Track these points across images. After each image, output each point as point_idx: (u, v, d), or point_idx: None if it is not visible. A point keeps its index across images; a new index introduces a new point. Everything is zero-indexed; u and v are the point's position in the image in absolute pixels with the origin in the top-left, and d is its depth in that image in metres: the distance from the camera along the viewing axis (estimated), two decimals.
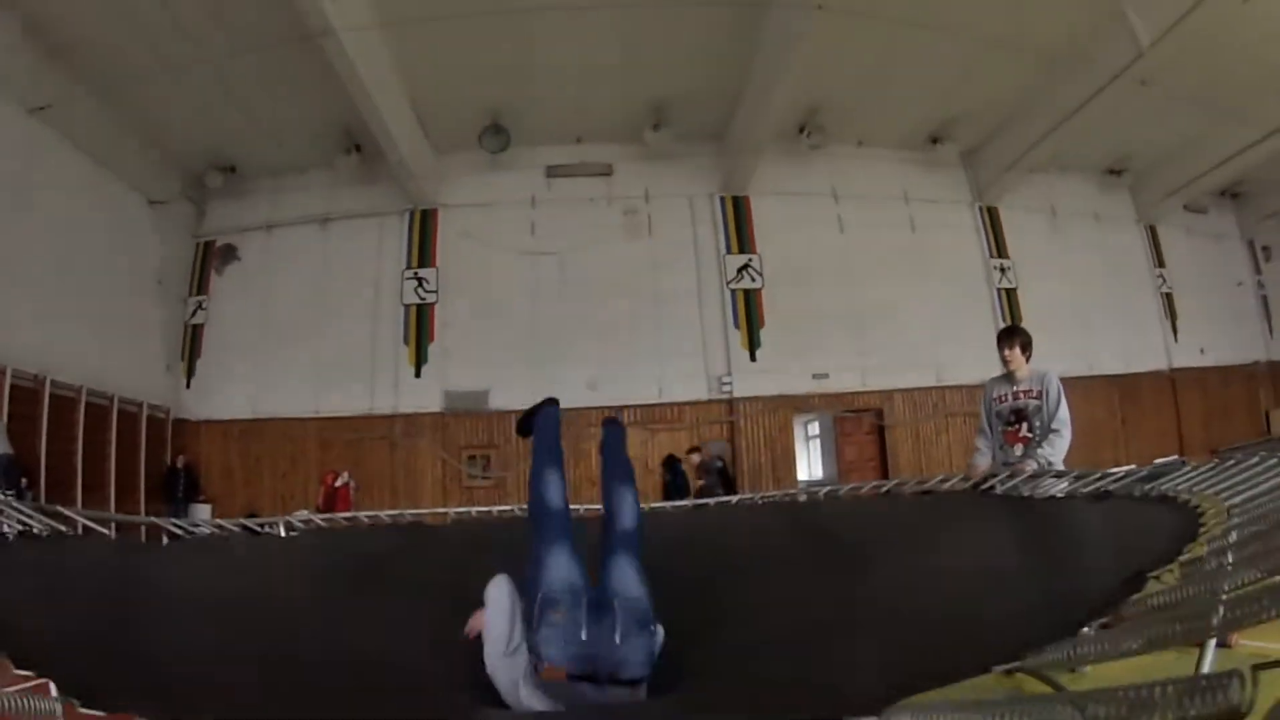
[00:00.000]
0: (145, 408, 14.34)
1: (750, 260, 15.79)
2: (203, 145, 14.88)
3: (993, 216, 16.82)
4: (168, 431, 14.98)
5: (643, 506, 3.14)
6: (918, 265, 16.15)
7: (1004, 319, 15.80)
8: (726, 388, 15.30)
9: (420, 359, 15.33)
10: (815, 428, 19.23)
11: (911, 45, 12.92)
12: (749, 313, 15.61)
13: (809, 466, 19.05)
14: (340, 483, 13.71)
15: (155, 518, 5.97)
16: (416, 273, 15.64)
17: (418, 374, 15.28)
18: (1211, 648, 1.63)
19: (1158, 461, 4.13)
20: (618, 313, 15.19)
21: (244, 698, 2.06)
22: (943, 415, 15.75)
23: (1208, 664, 1.61)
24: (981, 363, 8.08)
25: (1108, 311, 17.00)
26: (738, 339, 15.51)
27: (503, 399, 14.86)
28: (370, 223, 15.95)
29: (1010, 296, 16.47)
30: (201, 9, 11.33)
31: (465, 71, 13.32)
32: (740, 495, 9.09)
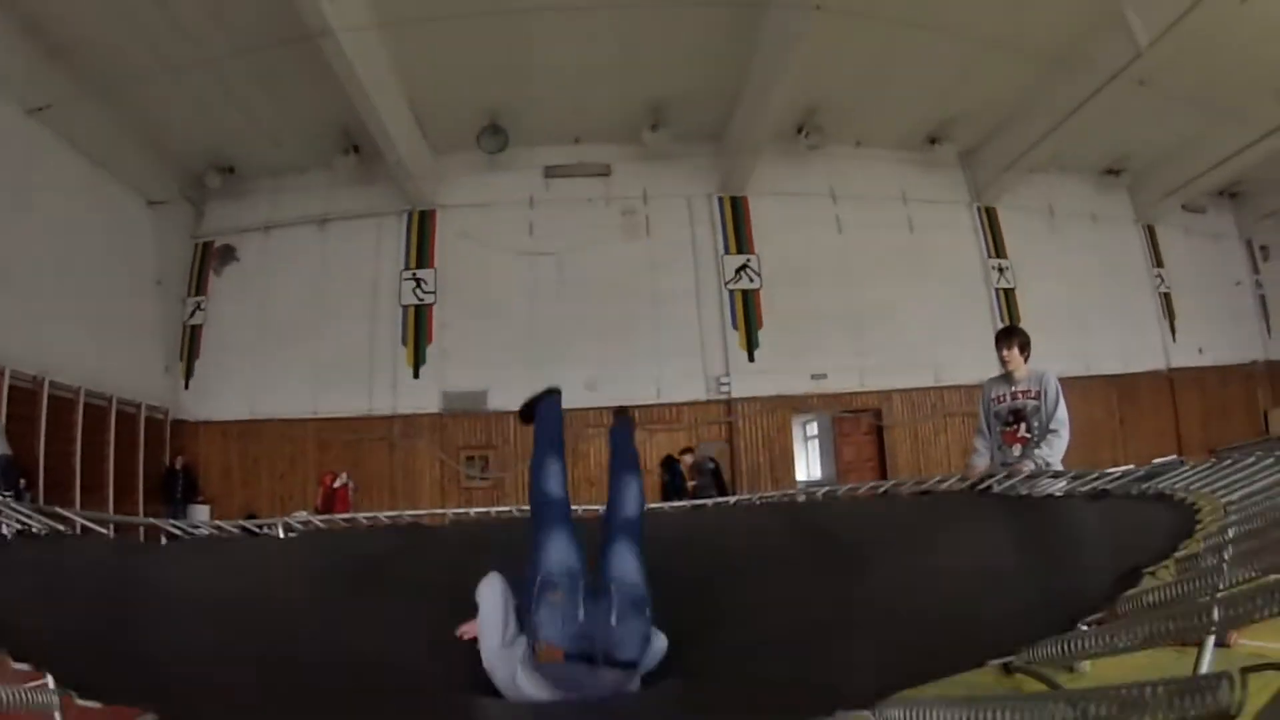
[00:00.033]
0: (144, 408, 14.32)
1: (748, 261, 15.80)
2: (201, 146, 14.87)
3: (991, 217, 16.83)
4: (166, 432, 14.96)
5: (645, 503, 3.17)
6: (916, 265, 16.15)
7: (1002, 319, 15.80)
8: (725, 388, 15.30)
9: (418, 360, 15.32)
10: (814, 428, 19.22)
11: (910, 45, 12.92)
12: (747, 313, 15.61)
13: (807, 467, 19.03)
14: (339, 484, 13.71)
15: (154, 519, 5.97)
16: (415, 273, 15.63)
17: (416, 375, 15.27)
18: (1209, 648, 1.63)
19: (1156, 462, 4.14)
20: (616, 313, 15.19)
21: (240, 696, 2.06)
22: (941, 415, 15.76)
23: (1205, 664, 1.62)
24: (980, 363, 8.08)
25: (1106, 311, 17.00)
26: (736, 339, 15.51)
27: (501, 400, 14.84)
28: (368, 223, 15.94)
29: (1008, 297, 16.48)
30: (200, 10, 11.32)
31: (463, 72, 13.32)
32: (739, 496, 9.10)
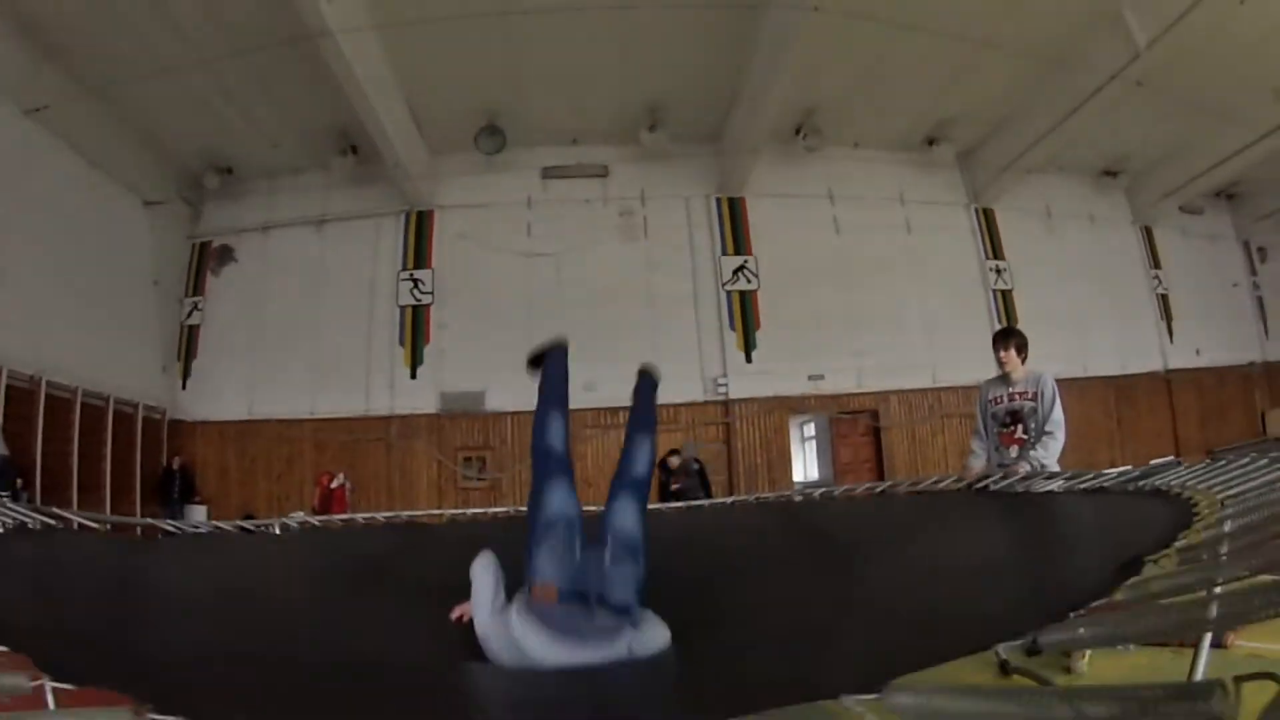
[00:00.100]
0: (141, 409, 14.33)
1: (746, 262, 15.80)
2: (199, 146, 14.87)
3: (988, 218, 16.83)
4: (163, 432, 14.95)
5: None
6: (913, 267, 16.17)
7: (1000, 320, 15.81)
8: (722, 389, 15.30)
9: (416, 360, 15.31)
10: (811, 429, 19.19)
11: (907, 47, 12.92)
12: (745, 314, 15.62)
13: (805, 468, 19.01)
14: (336, 484, 13.71)
15: (151, 519, 5.98)
16: (412, 274, 15.62)
17: (413, 375, 15.26)
18: (1205, 650, 1.63)
19: (1153, 462, 4.14)
20: (614, 314, 15.16)
21: (233, 683, 2.05)
22: (938, 416, 15.77)
23: (1201, 665, 1.61)
24: (977, 364, 8.08)
25: (1103, 313, 17.02)
26: (733, 340, 15.51)
27: (498, 400, 14.85)
28: (366, 224, 15.92)
29: (1006, 298, 16.48)
30: (198, 10, 11.31)
31: (461, 72, 13.32)
32: (735, 497, 9.10)
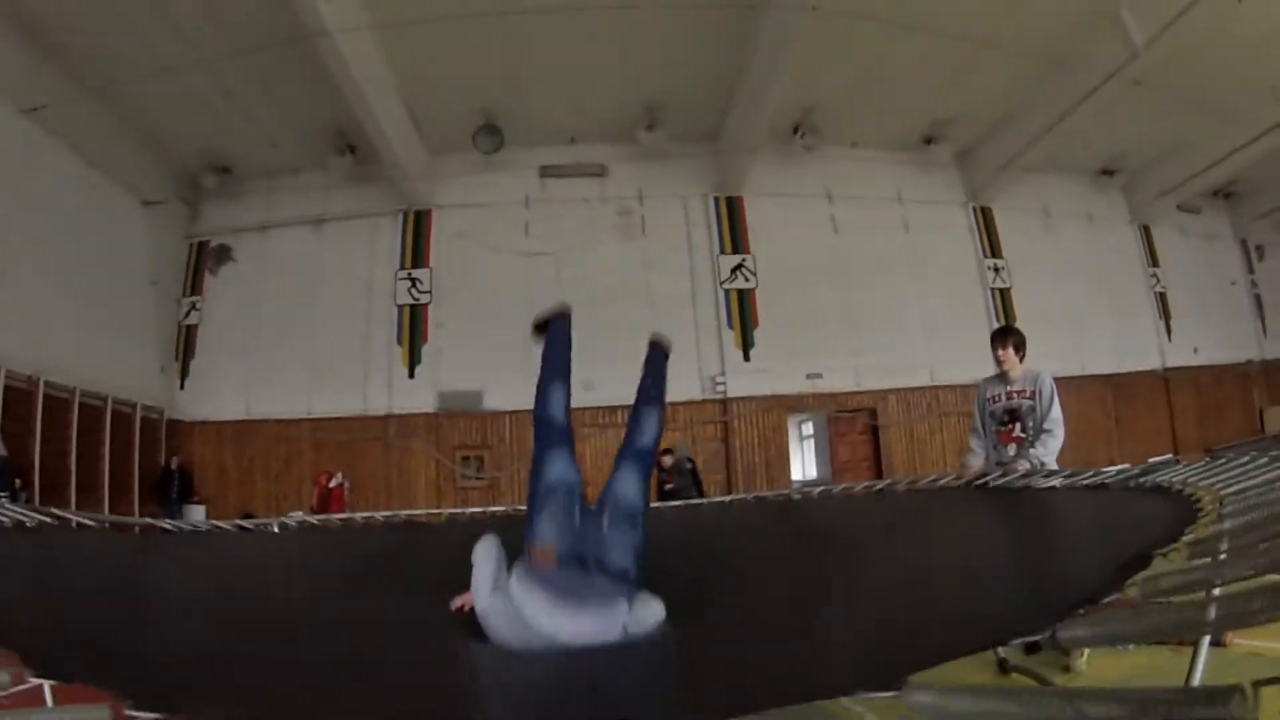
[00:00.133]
0: (139, 409, 14.31)
1: (744, 260, 15.80)
2: (197, 146, 14.85)
3: (986, 217, 16.84)
4: (162, 432, 14.94)
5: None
6: (911, 266, 16.18)
7: (998, 319, 15.81)
8: (720, 388, 15.30)
9: (414, 359, 15.30)
10: (809, 428, 19.19)
11: (905, 46, 12.92)
12: (743, 313, 15.62)
13: (803, 467, 19.02)
14: (334, 484, 13.69)
15: (149, 519, 5.97)
16: (410, 273, 15.62)
17: (411, 374, 15.25)
18: (1204, 648, 1.63)
19: (1151, 461, 4.15)
20: (612, 313, 15.10)
21: (224, 676, 2.04)
22: (937, 415, 15.77)
23: (1200, 664, 1.62)
24: (975, 363, 8.09)
25: (1101, 311, 17.03)
26: (731, 339, 15.52)
27: (496, 400, 14.85)
28: (364, 223, 15.91)
29: (1004, 296, 16.50)
30: (196, 10, 11.30)
31: (459, 72, 13.30)
32: (734, 496, 9.11)
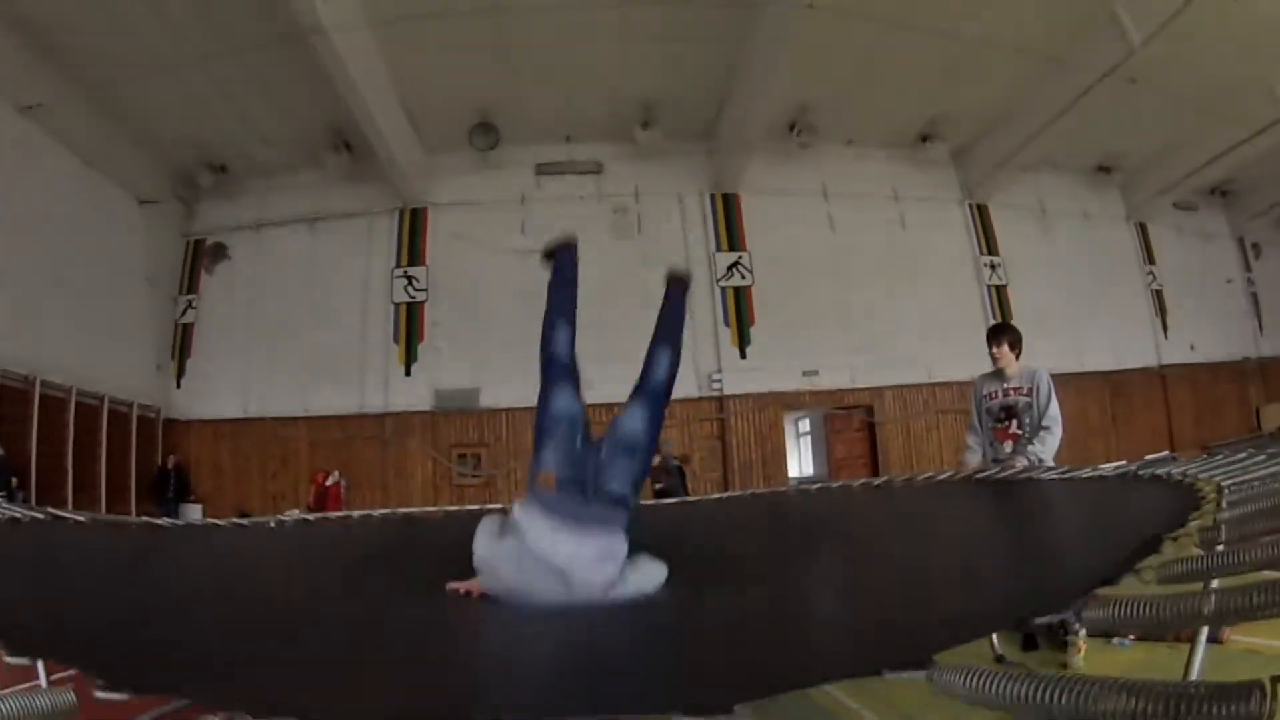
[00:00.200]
0: (135, 408, 14.29)
1: (740, 258, 15.80)
2: (193, 144, 14.80)
3: (983, 214, 16.84)
4: (158, 431, 14.93)
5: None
6: (908, 263, 16.17)
7: (994, 316, 15.82)
8: (717, 385, 15.29)
9: (410, 358, 15.29)
10: (806, 425, 19.21)
11: (901, 44, 12.92)
12: (739, 310, 15.62)
13: (800, 464, 19.04)
14: (331, 482, 13.70)
15: (146, 518, 5.95)
16: (406, 271, 15.60)
17: (408, 373, 15.23)
18: (1202, 644, 1.63)
19: (1148, 458, 4.16)
20: (608, 311, 15.02)
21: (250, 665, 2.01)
22: (933, 412, 15.78)
23: (1198, 661, 1.62)
24: (972, 360, 8.07)
25: (1098, 308, 17.04)
26: (728, 336, 15.51)
27: (493, 397, 14.84)
28: (360, 222, 15.89)
29: (1000, 294, 16.51)
30: (192, 8, 11.29)
31: (455, 70, 13.28)
32: (729, 493, 9.11)
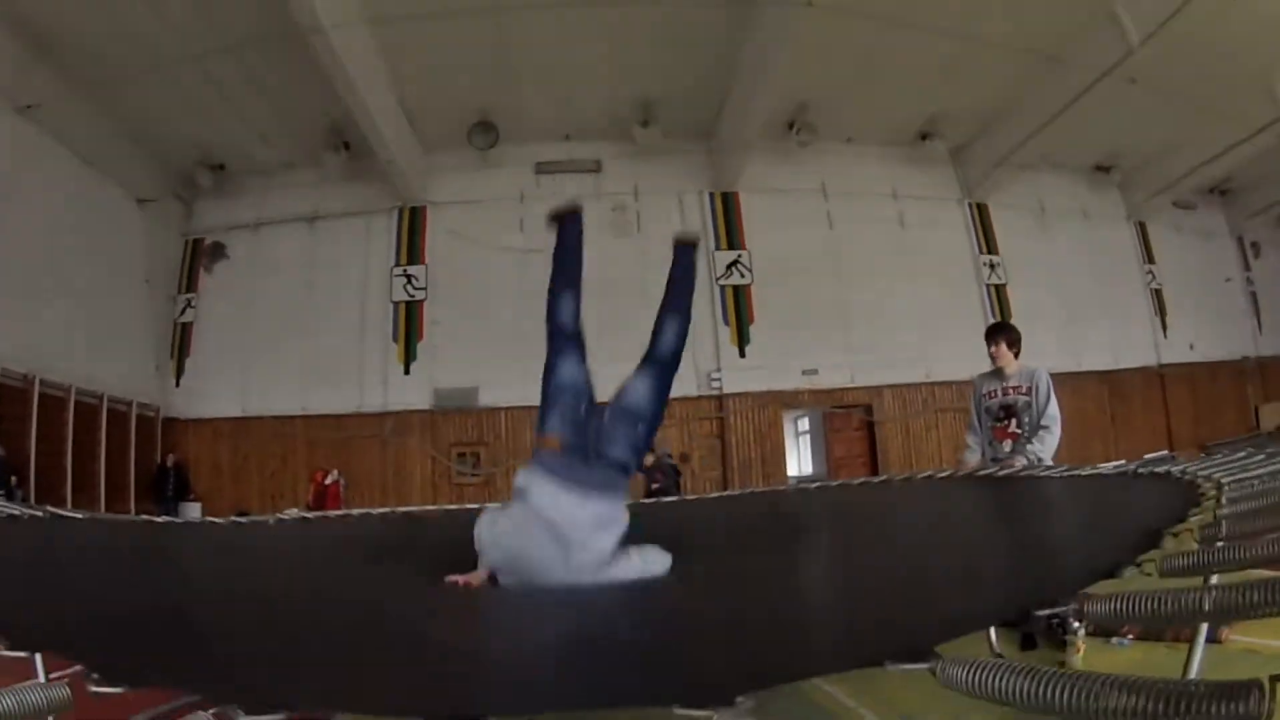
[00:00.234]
0: (134, 407, 14.28)
1: (739, 256, 15.79)
2: (191, 143, 14.80)
3: (982, 213, 16.84)
4: (157, 430, 14.91)
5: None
6: (907, 261, 16.14)
7: (993, 315, 15.81)
8: (716, 384, 15.29)
9: (409, 356, 15.28)
10: (805, 424, 19.21)
11: (900, 42, 12.92)
12: (738, 309, 15.61)
13: (799, 463, 19.03)
14: (330, 481, 13.70)
15: (146, 517, 5.96)
16: (405, 270, 15.59)
17: (407, 371, 15.22)
18: (1201, 645, 1.63)
19: (1147, 457, 4.16)
20: (607, 309, 14.99)
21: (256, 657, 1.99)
22: (932, 411, 15.77)
23: (1197, 660, 1.61)
24: (971, 359, 8.06)
25: (1097, 307, 17.03)
26: (727, 335, 15.50)
27: (492, 396, 14.84)
28: (358, 220, 15.87)
29: (999, 292, 16.50)
30: (190, 7, 11.28)
31: (454, 68, 13.28)
32: (728, 492, 9.13)
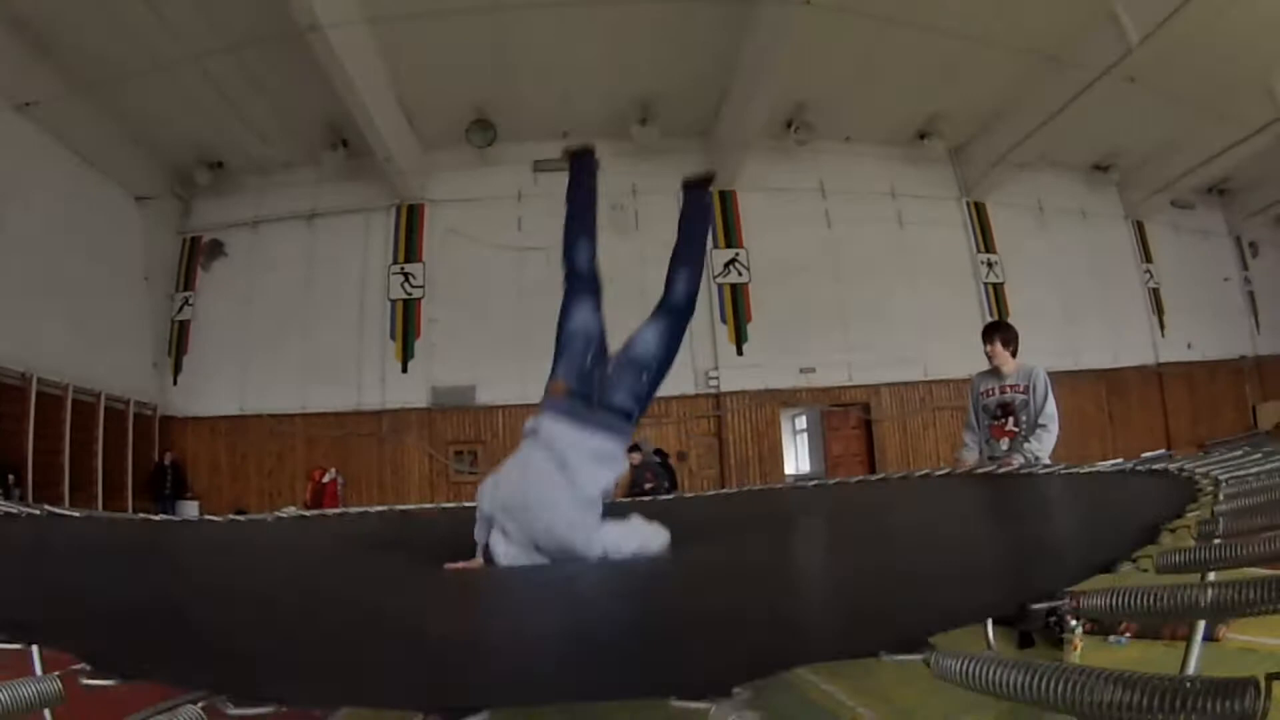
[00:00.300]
0: (132, 405, 14.26)
1: (737, 255, 15.79)
2: (189, 141, 14.79)
3: (980, 212, 16.84)
4: (155, 428, 14.90)
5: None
6: (905, 260, 16.16)
7: (991, 314, 15.84)
8: (713, 382, 15.29)
9: (407, 354, 15.27)
10: (802, 422, 19.22)
11: (899, 41, 12.92)
12: (736, 307, 15.61)
13: (796, 461, 19.05)
14: (328, 479, 13.71)
15: (143, 515, 5.95)
16: (403, 268, 15.58)
17: (404, 369, 15.22)
18: (1198, 642, 1.63)
19: (1145, 456, 4.17)
20: (606, 307, 15.07)
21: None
22: (930, 409, 15.78)
23: (1194, 657, 1.62)
24: (969, 357, 8.07)
25: (1095, 306, 17.06)
26: (725, 333, 15.50)
27: (489, 394, 14.84)
28: (356, 218, 15.87)
29: (997, 291, 16.51)
30: (189, 6, 11.27)
31: (452, 67, 13.27)
32: (725, 490, 9.14)
